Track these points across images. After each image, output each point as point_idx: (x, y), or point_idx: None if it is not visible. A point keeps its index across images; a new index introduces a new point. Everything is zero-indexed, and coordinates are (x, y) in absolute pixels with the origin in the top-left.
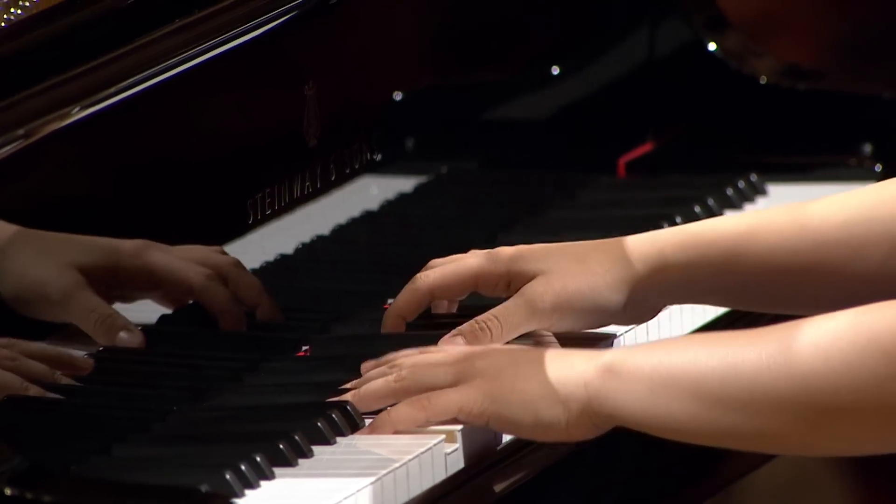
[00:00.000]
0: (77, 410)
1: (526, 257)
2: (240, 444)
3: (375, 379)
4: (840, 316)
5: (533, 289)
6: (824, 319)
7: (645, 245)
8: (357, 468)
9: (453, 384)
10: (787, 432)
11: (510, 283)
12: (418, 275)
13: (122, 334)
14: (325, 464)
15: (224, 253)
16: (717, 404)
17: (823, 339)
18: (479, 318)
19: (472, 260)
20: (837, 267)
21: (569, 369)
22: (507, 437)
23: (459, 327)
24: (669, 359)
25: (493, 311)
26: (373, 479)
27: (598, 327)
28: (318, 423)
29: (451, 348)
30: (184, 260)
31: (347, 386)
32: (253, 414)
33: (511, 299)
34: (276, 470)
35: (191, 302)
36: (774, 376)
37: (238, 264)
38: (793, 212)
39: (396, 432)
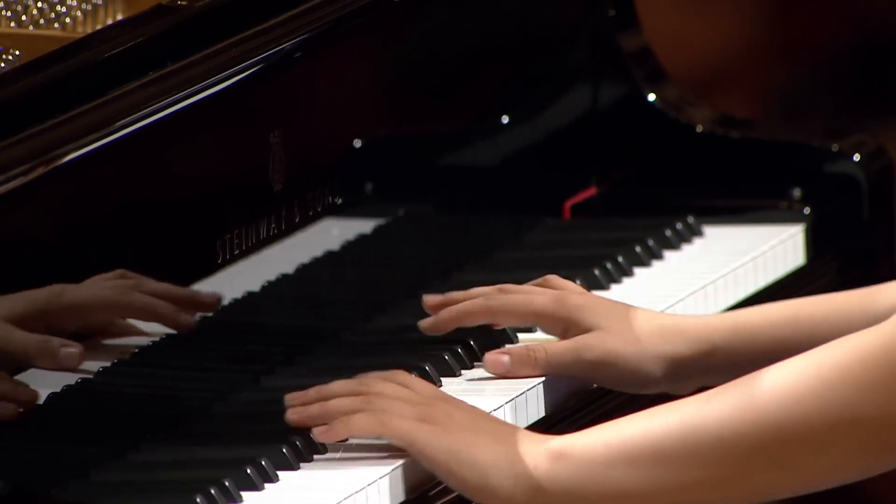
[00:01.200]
0: (55, 436)
1: (589, 310)
2: (209, 469)
3: (343, 395)
4: (797, 359)
5: (586, 340)
6: (782, 365)
7: (697, 328)
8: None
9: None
10: (755, 475)
11: (567, 330)
12: (490, 294)
13: (64, 351)
14: (292, 487)
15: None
16: (681, 462)
17: (788, 379)
18: (531, 345)
19: (540, 299)
20: None
21: (523, 449)
22: None
23: (509, 346)
24: (621, 432)
25: (545, 343)
26: None
27: (633, 391)
28: (284, 449)
29: (421, 385)
30: (97, 286)
31: (311, 392)
32: (221, 440)
33: (564, 342)
34: (244, 493)
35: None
36: (740, 423)
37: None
38: (840, 298)
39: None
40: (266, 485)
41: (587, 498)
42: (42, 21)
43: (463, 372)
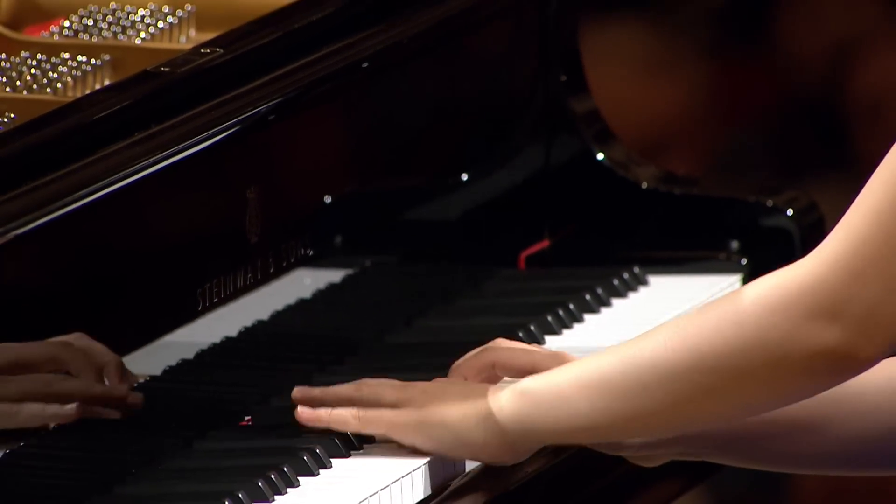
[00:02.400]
0: (43, 473)
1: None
2: (191, 502)
3: (342, 395)
4: (723, 301)
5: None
6: (709, 306)
7: None
8: None
9: (394, 406)
10: (686, 403)
11: None
12: (492, 346)
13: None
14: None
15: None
16: (624, 392)
17: (711, 310)
18: None
19: (538, 355)
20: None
21: (488, 398)
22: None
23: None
24: (578, 368)
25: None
26: None
27: (612, 452)
28: (258, 482)
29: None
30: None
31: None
32: (202, 475)
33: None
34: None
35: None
36: (672, 353)
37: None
38: None
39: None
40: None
41: (550, 431)
42: (35, 86)
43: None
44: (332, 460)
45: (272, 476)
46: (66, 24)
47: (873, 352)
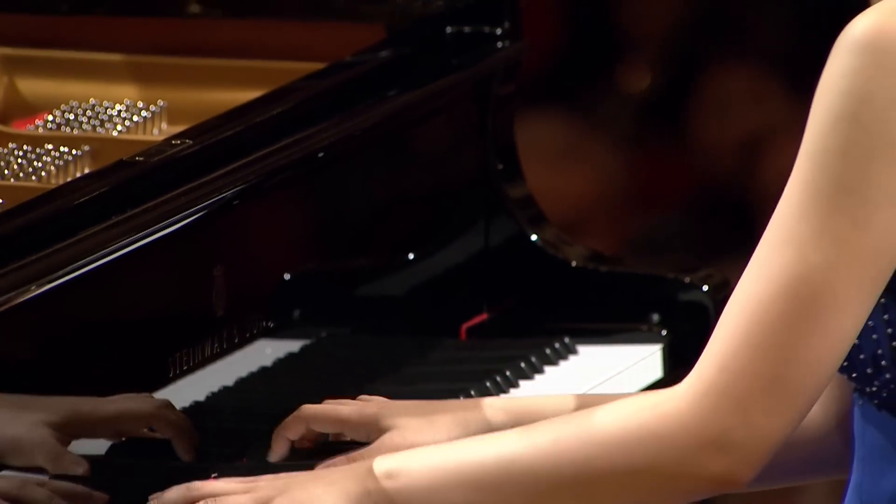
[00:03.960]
0: None
1: (384, 414)
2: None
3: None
4: (611, 417)
5: (383, 441)
6: (596, 418)
7: (479, 409)
8: None
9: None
10: None
11: (370, 434)
12: (302, 406)
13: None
14: None
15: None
16: (499, 491)
17: (599, 435)
18: (351, 454)
19: (344, 408)
20: None
21: (356, 476)
22: None
23: (333, 459)
24: (447, 456)
25: (356, 452)
26: None
27: None
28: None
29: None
30: (129, 399)
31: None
32: None
33: (369, 447)
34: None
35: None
36: (552, 458)
37: (169, 404)
38: (594, 399)
39: None
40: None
41: None
42: (21, 174)
43: None
44: None
45: None
46: (50, 117)
47: (753, 475)
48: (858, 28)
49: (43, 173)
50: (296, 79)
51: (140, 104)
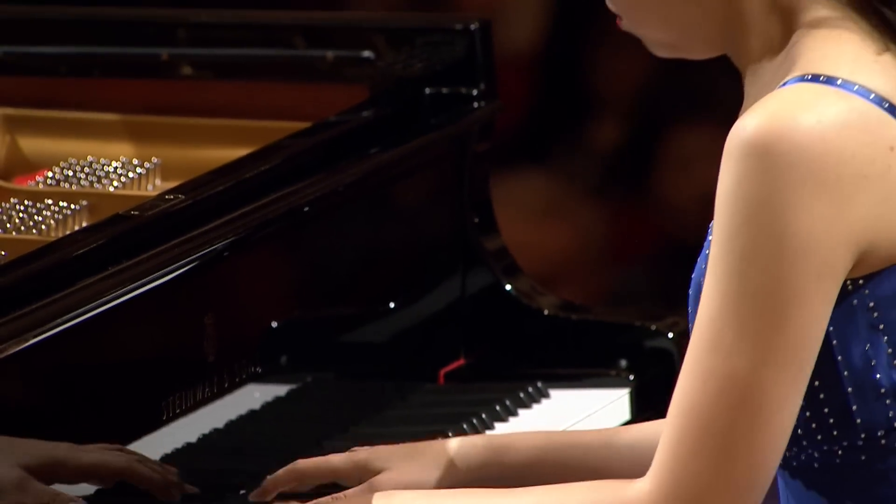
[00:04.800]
0: None
1: (373, 458)
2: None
3: None
4: (556, 490)
5: (373, 482)
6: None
7: (461, 447)
8: None
9: None
10: None
11: (362, 478)
12: (297, 460)
13: None
14: None
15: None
16: None
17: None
18: (335, 494)
19: (335, 459)
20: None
21: None
22: None
23: (319, 500)
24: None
25: (346, 491)
26: None
27: None
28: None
29: None
30: (105, 452)
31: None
32: None
33: (360, 486)
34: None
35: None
36: None
37: (143, 458)
38: (589, 433)
39: None
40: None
41: None
42: (23, 228)
43: None
44: None
45: None
46: (50, 174)
47: None
48: (747, 131)
49: (43, 227)
50: (283, 137)
51: (135, 161)
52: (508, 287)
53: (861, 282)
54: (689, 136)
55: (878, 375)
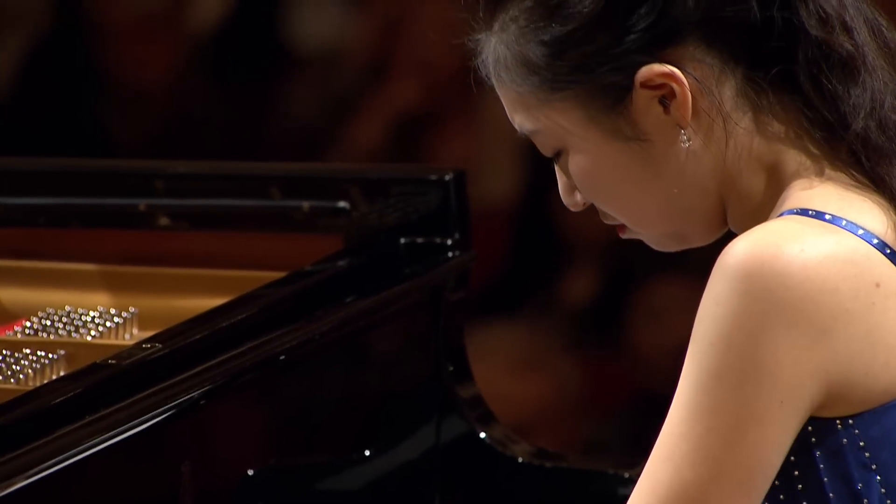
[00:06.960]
0: None
1: None
2: None
3: None
4: None
5: None
6: None
7: None
8: None
9: None
10: None
11: None
12: None
13: None
14: None
15: None
16: None
17: None
18: None
19: None
20: None
21: None
22: None
23: None
24: None
25: None
26: None
27: None
28: None
29: None
30: None
31: None
32: None
33: None
34: None
35: None
36: None
37: None
38: None
39: None
40: None
41: None
42: (1, 377)
43: None
44: None
45: None
46: (28, 324)
47: None
48: (732, 255)
49: (21, 376)
50: (259, 286)
51: (113, 311)
52: (483, 435)
53: (851, 421)
54: (661, 288)
55: None
